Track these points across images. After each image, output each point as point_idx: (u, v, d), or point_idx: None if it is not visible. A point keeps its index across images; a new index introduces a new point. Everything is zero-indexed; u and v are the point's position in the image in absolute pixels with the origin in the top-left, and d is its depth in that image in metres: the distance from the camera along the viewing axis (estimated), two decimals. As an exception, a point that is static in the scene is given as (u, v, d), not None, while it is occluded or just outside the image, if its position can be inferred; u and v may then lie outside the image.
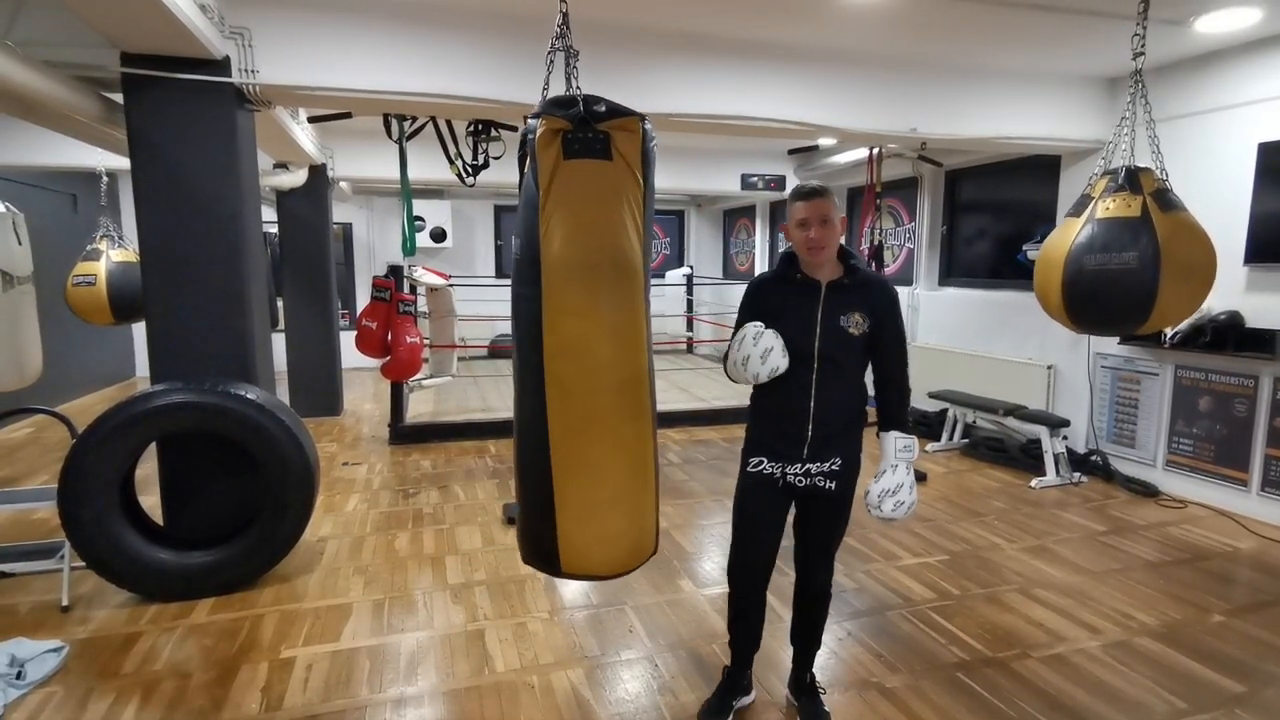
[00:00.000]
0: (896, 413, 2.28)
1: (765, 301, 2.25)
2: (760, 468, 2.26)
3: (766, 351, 2.15)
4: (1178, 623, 3.08)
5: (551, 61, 2.01)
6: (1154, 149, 2.91)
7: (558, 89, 1.95)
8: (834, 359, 2.18)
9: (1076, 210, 2.89)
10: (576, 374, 1.87)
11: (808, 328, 2.17)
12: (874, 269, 6.58)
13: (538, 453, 1.91)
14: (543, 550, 1.96)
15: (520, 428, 1.98)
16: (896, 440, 2.25)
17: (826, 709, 2.43)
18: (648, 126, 1.90)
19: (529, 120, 1.87)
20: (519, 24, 3.80)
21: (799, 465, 2.23)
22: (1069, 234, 2.85)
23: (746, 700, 2.51)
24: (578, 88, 1.92)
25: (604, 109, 1.86)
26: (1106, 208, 2.76)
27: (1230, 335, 4.30)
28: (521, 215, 1.93)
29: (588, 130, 1.83)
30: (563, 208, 1.84)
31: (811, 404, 2.20)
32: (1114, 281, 2.70)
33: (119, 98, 3.42)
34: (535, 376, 1.88)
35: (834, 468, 2.24)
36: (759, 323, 2.19)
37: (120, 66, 3.24)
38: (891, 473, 2.23)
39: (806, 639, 2.44)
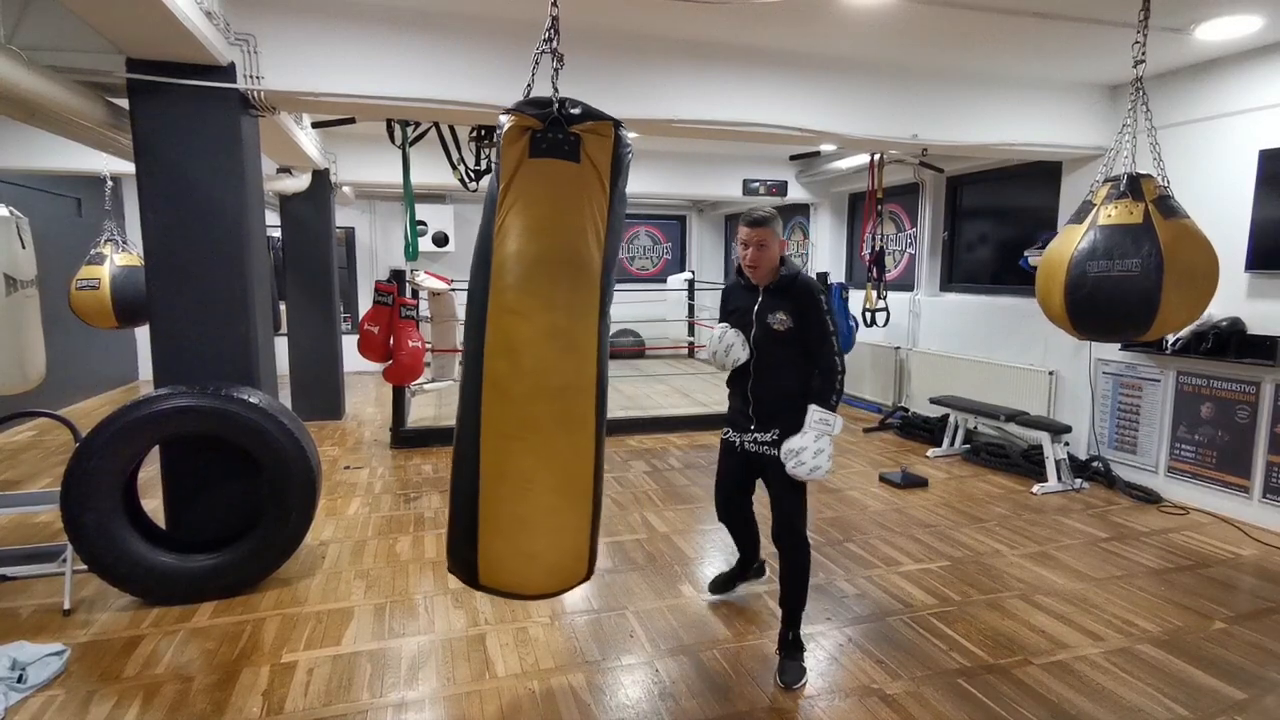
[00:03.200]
0: (819, 389, 2.62)
1: (730, 302, 2.84)
2: (727, 435, 2.91)
3: (729, 347, 2.72)
4: (1179, 630, 3.07)
5: (537, 63, 1.99)
6: (1155, 156, 2.92)
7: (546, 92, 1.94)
8: (765, 350, 2.69)
9: (1078, 217, 2.90)
10: (512, 375, 1.81)
11: (747, 324, 2.72)
12: (875, 275, 6.63)
13: (468, 456, 1.85)
14: (463, 559, 1.89)
15: (457, 428, 1.91)
16: (813, 413, 2.58)
17: (804, 665, 2.69)
18: (622, 133, 1.87)
19: (500, 116, 1.85)
20: (522, 30, 3.82)
21: (749, 435, 2.78)
22: (1071, 241, 2.86)
23: (759, 582, 3.37)
24: (556, 90, 1.89)
25: (579, 111, 1.83)
26: (1109, 215, 2.77)
27: (1232, 342, 4.31)
28: (483, 210, 1.90)
29: (558, 131, 1.80)
30: (519, 205, 1.80)
31: (750, 385, 2.74)
32: (1117, 288, 2.70)
33: (124, 103, 3.44)
34: (475, 376, 1.83)
35: (774, 437, 2.69)
36: (725, 324, 2.79)
37: (126, 72, 3.26)
38: (801, 437, 2.57)
39: (787, 598, 2.76)
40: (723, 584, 3.33)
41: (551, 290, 1.80)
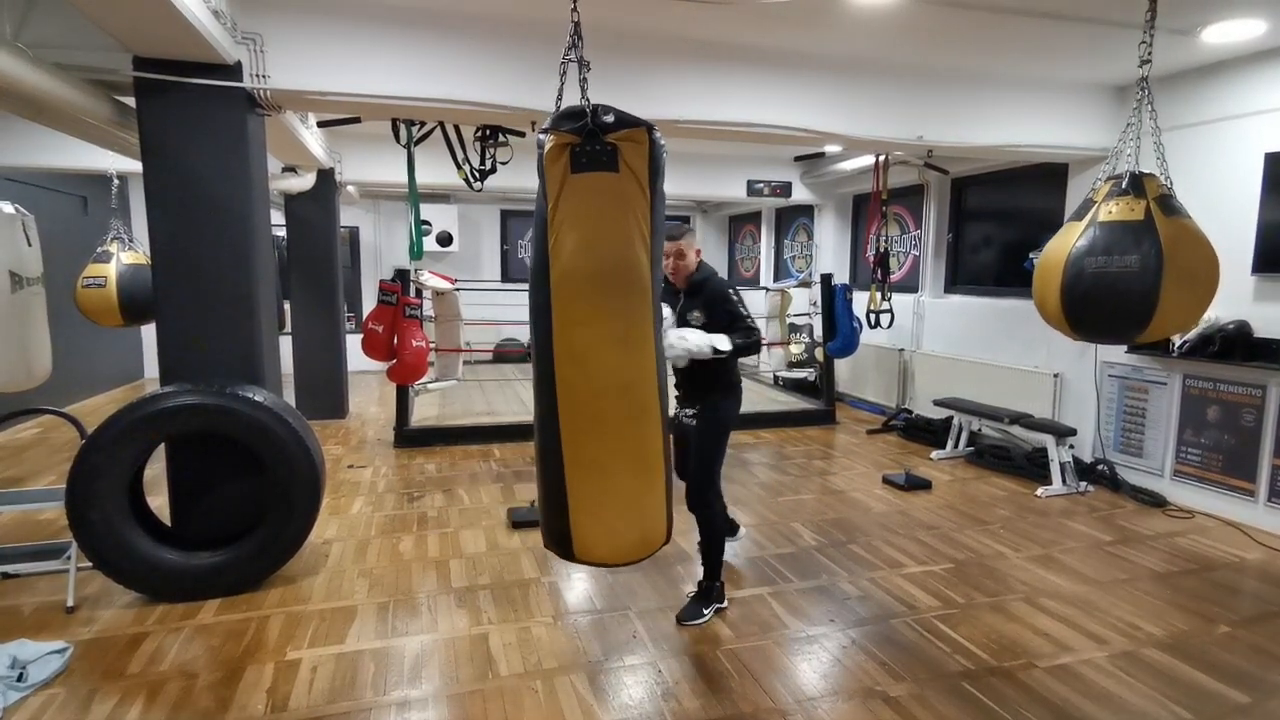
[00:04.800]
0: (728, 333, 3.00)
1: (666, 296, 3.00)
2: (676, 409, 3.25)
3: (669, 347, 2.92)
4: (1184, 634, 3.06)
5: (564, 72, 2.04)
6: (1159, 156, 2.90)
7: (572, 98, 1.96)
8: None
9: (1079, 214, 2.87)
10: (582, 379, 1.97)
11: (673, 321, 3.11)
12: (879, 276, 6.62)
13: (552, 450, 2.03)
14: (559, 538, 2.11)
15: (538, 426, 2.10)
16: (695, 331, 2.98)
17: (703, 610, 3.10)
18: (656, 136, 1.93)
19: (539, 135, 1.92)
20: (527, 30, 3.82)
21: (682, 409, 3.23)
22: (1070, 237, 2.83)
23: (734, 539, 3.86)
24: (587, 100, 1.94)
25: (612, 119, 1.88)
26: (1109, 211, 2.74)
27: (1238, 345, 4.29)
28: (535, 227, 2.00)
29: (595, 143, 1.87)
30: (569, 221, 1.91)
31: (678, 372, 3.12)
32: (1114, 284, 2.66)
33: (131, 101, 3.45)
34: (548, 381, 2.00)
35: (695, 412, 3.18)
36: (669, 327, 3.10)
37: (132, 70, 3.27)
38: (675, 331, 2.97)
39: (703, 553, 3.23)
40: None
41: (607, 300, 1.94)
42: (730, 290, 3.13)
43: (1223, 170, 4.45)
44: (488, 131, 5.03)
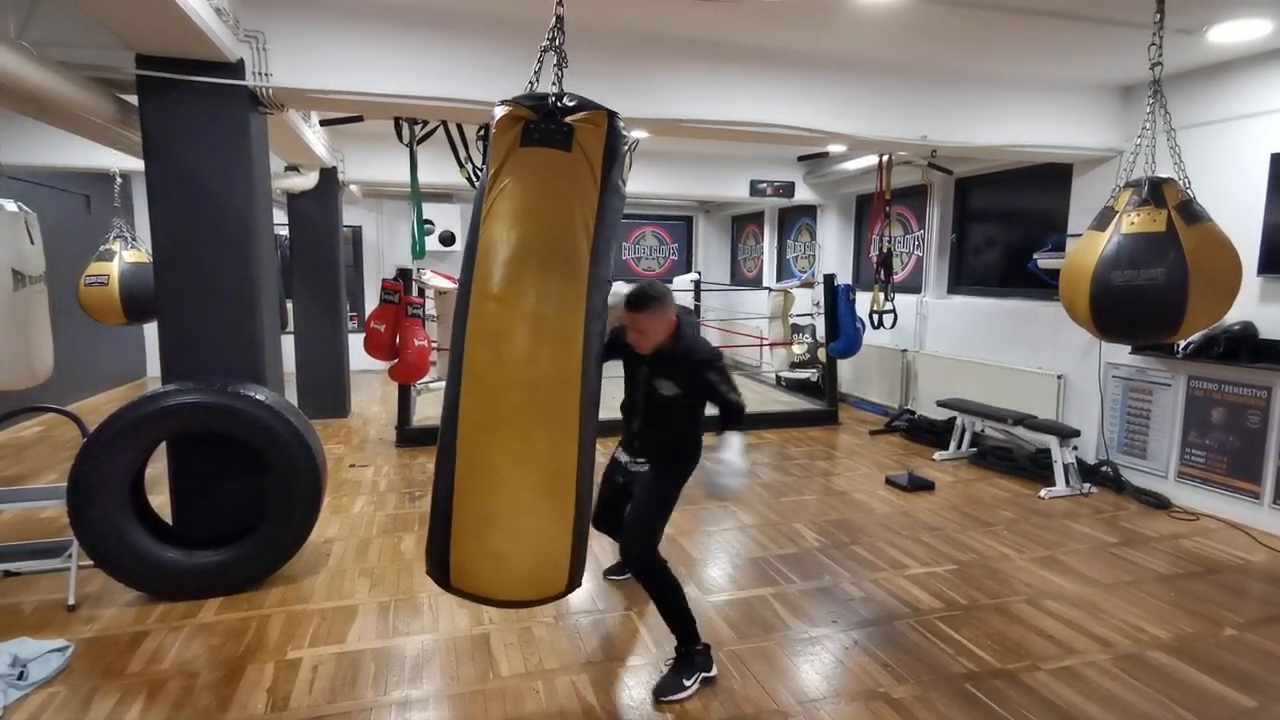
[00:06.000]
0: (726, 420, 2.56)
1: (618, 344, 2.64)
2: (617, 451, 2.93)
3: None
4: (1189, 636, 3.04)
5: (540, 63, 2.00)
6: (1176, 159, 2.90)
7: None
8: (652, 405, 2.67)
9: (1100, 224, 2.89)
10: (490, 364, 1.75)
11: (636, 377, 2.70)
12: (882, 277, 6.60)
13: (447, 449, 1.79)
14: (436, 559, 1.82)
15: (441, 420, 1.85)
16: (730, 437, 2.50)
17: (684, 682, 2.55)
18: (617, 123, 1.85)
19: (495, 107, 1.85)
20: (531, 29, 3.80)
21: (630, 458, 2.83)
22: (1095, 247, 2.85)
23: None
24: (560, 88, 1.88)
25: (575, 104, 1.82)
26: (1131, 222, 2.76)
27: (1244, 346, 4.27)
28: (474, 202, 1.89)
29: (551, 121, 1.79)
30: (506, 192, 1.78)
31: (636, 425, 2.76)
32: (1142, 297, 2.72)
33: (134, 99, 3.45)
34: (456, 365, 1.79)
35: (644, 467, 2.76)
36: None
37: (135, 68, 3.27)
38: (728, 452, 2.47)
39: (664, 619, 2.69)
40: (619, 569, 3.46)
41: (534, 278, 1.75)
42: (716, 358, 2.63)
43: (1228, 171, 4.43)
44: (490, 130, 5.02)
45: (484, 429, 1.74)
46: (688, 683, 2.57)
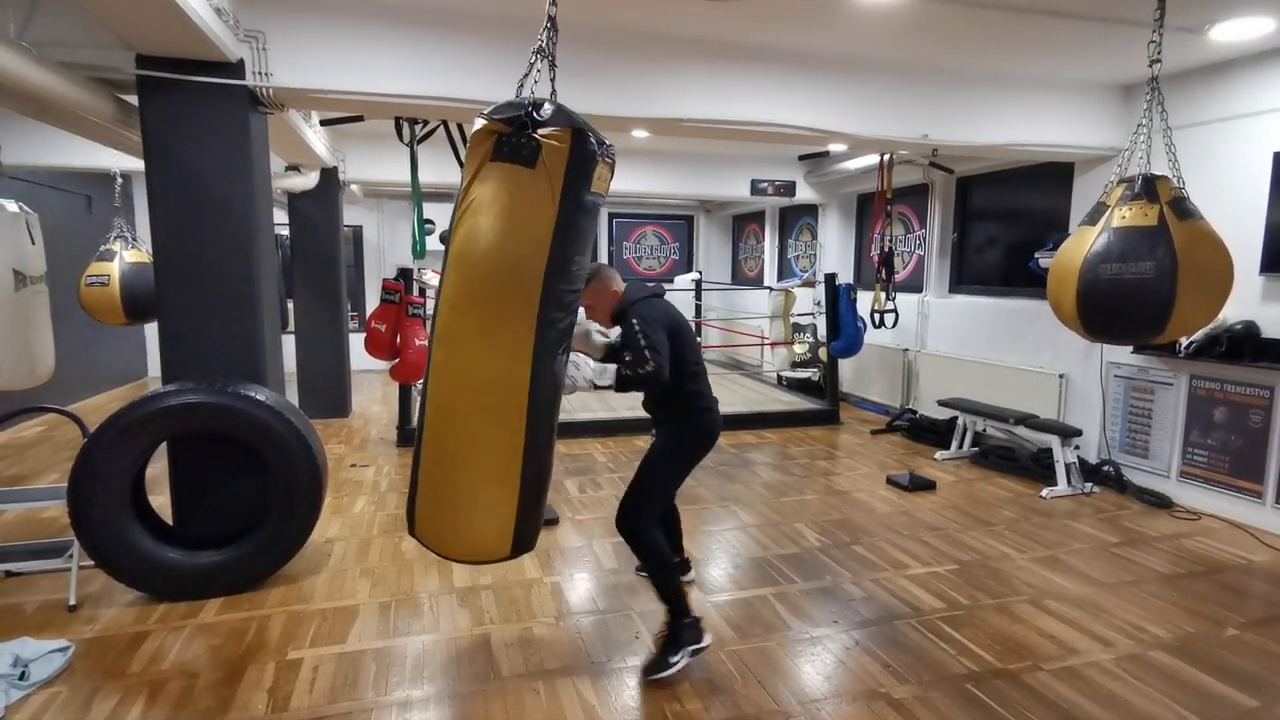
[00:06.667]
0: (614, 358, 2.72)
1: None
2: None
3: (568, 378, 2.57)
4: (1191, 636, 3.04)
5: (531, 65, 2.04)
6: (1171, 157, 2.88)
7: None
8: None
9: (1092, 218, 2.87)
10: (446, 364, 2.01)
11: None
12: (884, 276, 6.60)
13: (420, 429, 2.11)
14: (409, 510, 2.18)
15: (419, 404, 2.16)
16: (586, 361, 2.59)
17: (669, 661, 2.64)
18: (585, 139, 1.90)
19: (476, 119, 1.93)
20: (530, 28, 3.77)
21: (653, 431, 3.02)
22: (1084, 242, 2.83)
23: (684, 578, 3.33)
24: (554, 93, 1.96)
25: (547, 117, 1.87)
26: (1123, 216, 2.74)
27: (1246, 345, 4.26)
28: (452, 206, 2.04)
29: (521, 135, 1.87)
30: (473, 206, 1.92)
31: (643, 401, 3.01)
32: (1130, 292, 2.68)
33: (134, 99, 3.44)
34: (428, 361, 2.06)
35: (652, 436, 2.99)
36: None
37: (135, 68, 3.27)
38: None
39: (653, 587, 2.85)
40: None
41: (483, 290, 1.94)
42: (640, 317, 2.66)
43: (1231, 170, 4.42)
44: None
45: (443, 419, 2.04)
46: (673, 659, 2.67)
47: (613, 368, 2.55)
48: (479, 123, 1.91)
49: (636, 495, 2.80)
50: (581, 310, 2.77)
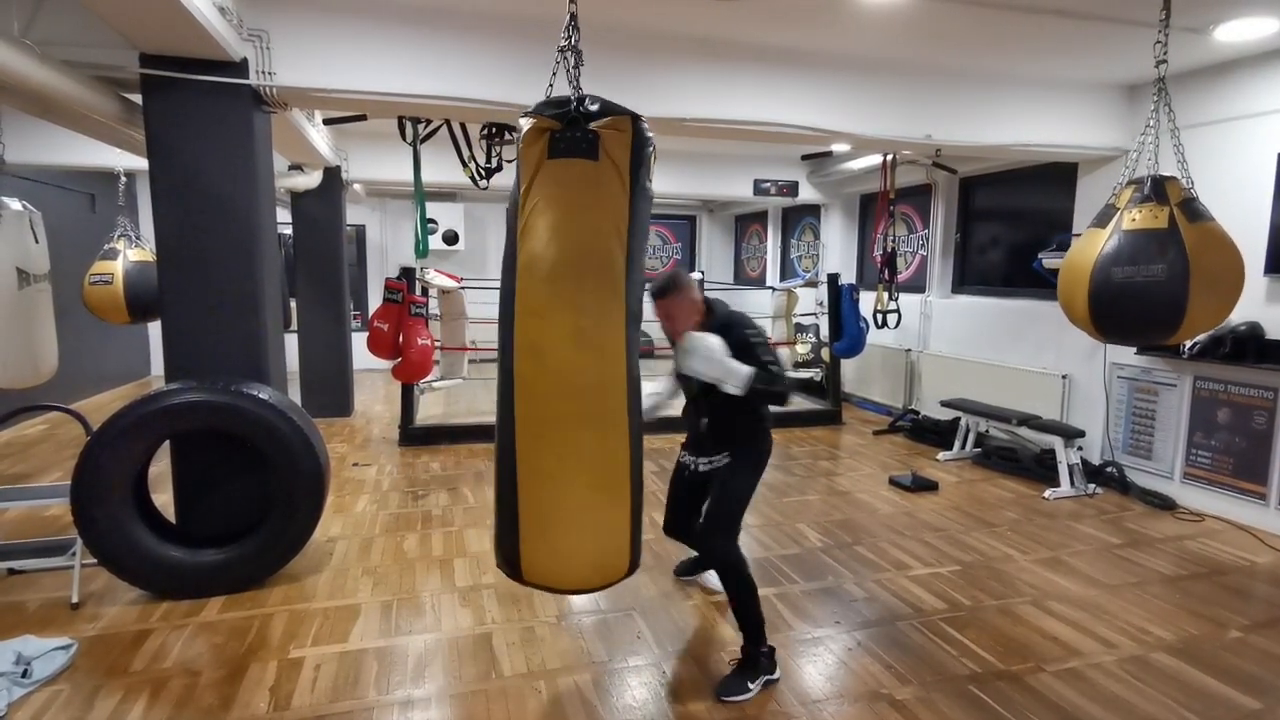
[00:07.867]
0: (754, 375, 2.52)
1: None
2: (683, 456, 3.05)
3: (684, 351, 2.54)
4: (1194, 638, 3.03)
5: (558, 62, 2.00)
6: (1179, 157, 2.88)
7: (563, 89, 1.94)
8: (718, 395, 2.58)
9: (1101, 221, 2.86)
10: (537, 375, 1.84)
11: (695, 383, 2.67)
12: (886, 276, 6.58)
13: (506, 451, 1.89)
14: (507, 554, 1.94)
15: (496, 424, 1.94)
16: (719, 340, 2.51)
17: (747, 684, 2.57)
18: (642, 126, 1.86)
19: (520, 119, 1.86)
20: (533, 27, 3.81)
21: (703, 457, 2.91)
22: (1095, 244, 2.82)
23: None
24: (577, 89, 1.89)
25: (597, 108, 1.83)
26: (1133, 219, 2.74)
27: (1250, 346, 4.25)
28: (508, 213, 1.92)
29: (576, 129, 1.80)
30: (540, 206, 1.82)
31: (706, 413, 2.82)
32: (1142, 294, 2.69)
33: (138, 98, 3.45)
34: (506, 377, 1.87)
35: (712, 461, 2.86)
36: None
37: (139, 67, 3.27)
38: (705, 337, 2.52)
39: (734, 612, 2.71)
40: (689, 568, 3.51)
41: (572, 291, 1.81)
42: (752, 328, 2.65)
43: (1234, 170, 4.41)
44: (493, 129, 5.03)
45: (538, 435, 1.85)
46: (751, 685, 2.58)
47: (745, 369, 2.46)
48: (525, 123, 1.84)
49: (727, 522, 2.71)
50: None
